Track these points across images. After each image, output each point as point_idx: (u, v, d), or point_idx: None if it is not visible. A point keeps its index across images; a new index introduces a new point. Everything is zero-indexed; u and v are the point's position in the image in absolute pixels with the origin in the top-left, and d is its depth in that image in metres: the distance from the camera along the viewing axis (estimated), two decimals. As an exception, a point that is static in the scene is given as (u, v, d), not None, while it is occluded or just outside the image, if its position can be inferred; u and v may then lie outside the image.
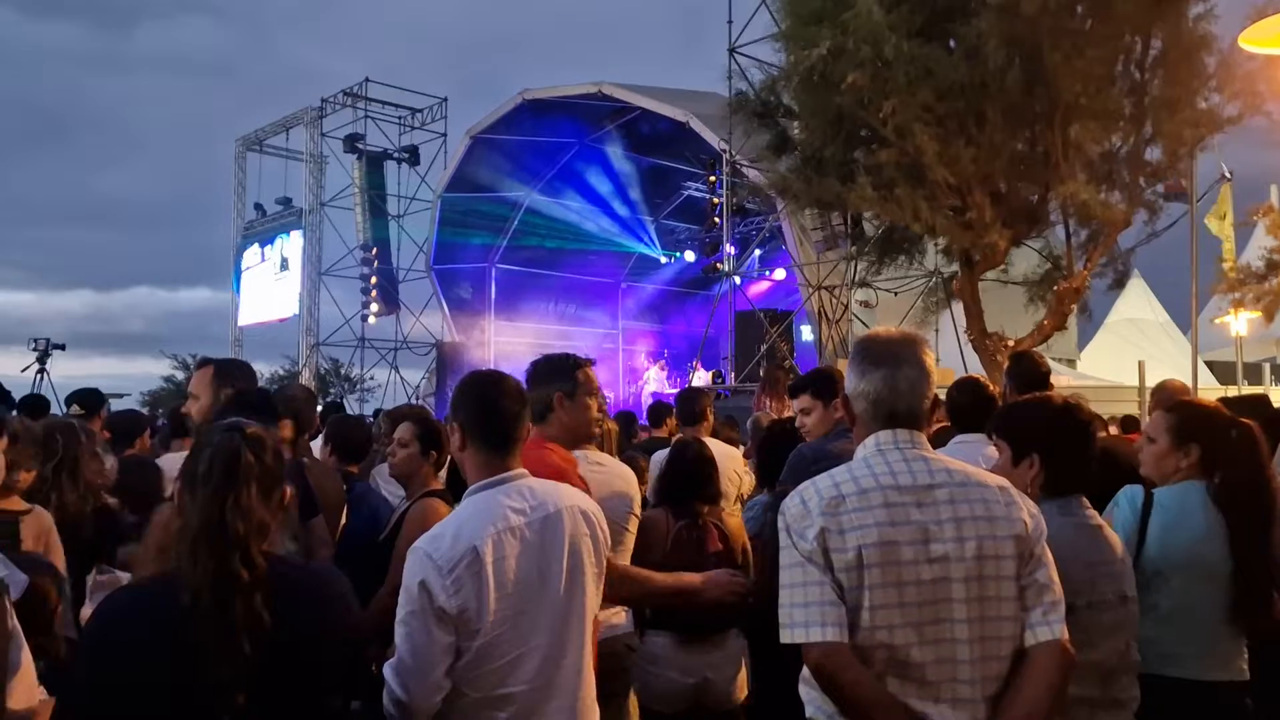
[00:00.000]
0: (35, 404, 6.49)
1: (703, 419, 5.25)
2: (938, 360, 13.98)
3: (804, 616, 1.86)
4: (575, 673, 2.25)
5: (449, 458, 3.91)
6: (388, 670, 2.10)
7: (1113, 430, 7.76)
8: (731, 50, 14.23)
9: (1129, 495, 2.80)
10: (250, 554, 1.70)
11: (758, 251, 19.42)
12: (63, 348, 12.01)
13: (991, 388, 3.69)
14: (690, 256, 22.12)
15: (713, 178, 17.94)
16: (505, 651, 2.14)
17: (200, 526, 1.69)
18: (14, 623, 1.89)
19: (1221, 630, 2.68)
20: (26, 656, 1.93)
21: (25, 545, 2.79)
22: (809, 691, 1.99)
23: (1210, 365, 16.33)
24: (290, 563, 1.86)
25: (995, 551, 1.92)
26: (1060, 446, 2.38)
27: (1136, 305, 20.09)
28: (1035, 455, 2.36)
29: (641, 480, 4.57)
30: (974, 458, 2.87)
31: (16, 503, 2.93)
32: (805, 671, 1.98)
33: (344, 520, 3.94)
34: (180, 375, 39.45)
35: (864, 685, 1.84)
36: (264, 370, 35.70)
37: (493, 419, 2.28)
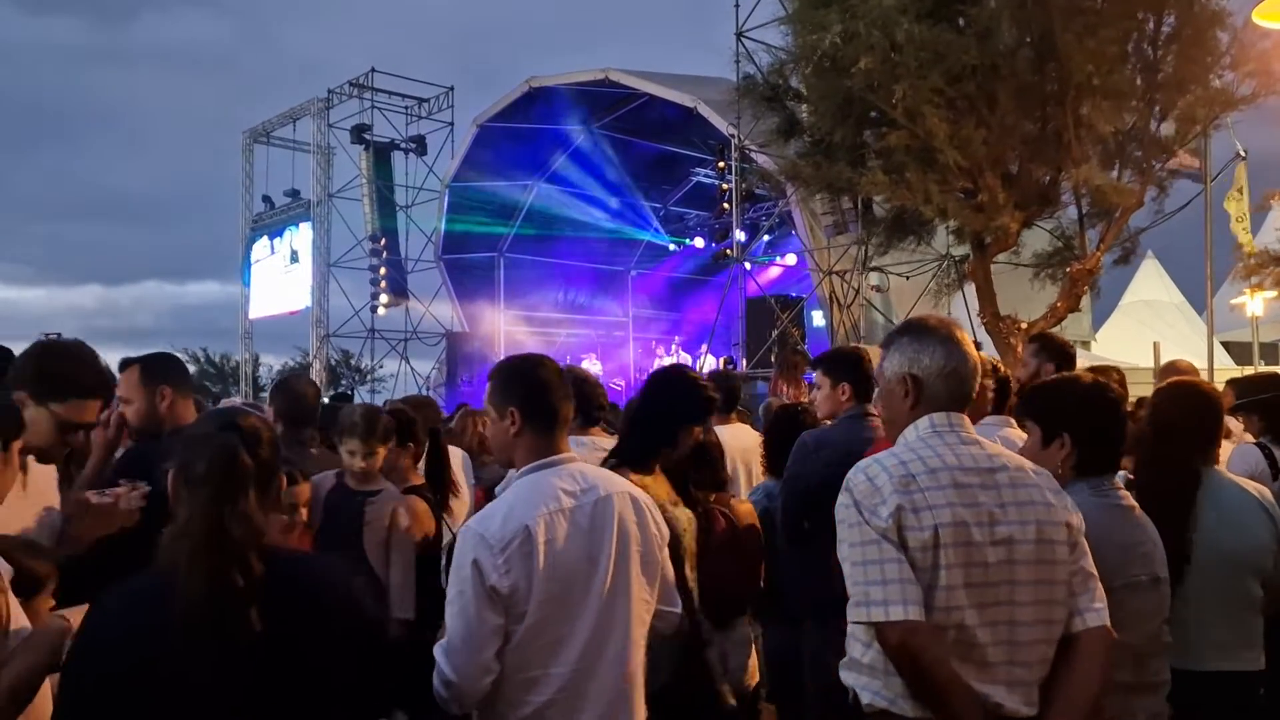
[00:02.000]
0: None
1: (735, 404, 5.20)
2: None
3: (882, 595, 1.83)
4: (619, 659, 2.23)
5: (425, 450, 3.90)
6: (438, 651, 2.11)
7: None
8: (739, 35, 14.12)
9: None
10: (247, 561, 1.67)
11: (767, 237, 19.33)
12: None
13: (1004, 370, 3.65)
14: (700, 243, 22.04)
15: (721, 163, 17.85)
16: (549, 633, 2.14)
17: (200, 534, 1.66)
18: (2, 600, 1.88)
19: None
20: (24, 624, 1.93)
21: None
22: (860, 677, 1.97)
23: (1226, 346, 16.21)
24: (287, 557, 1.84)
25: (1052, 536, 1.94)
26: (1091, 426, 2.35)
27: (1151, 287, 19.97)
28: (1066, 435, 2.33)
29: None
30: (990, 440, 2.84)
31: None
32: (853, 656, 1.97)
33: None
34: (192, 369, 39.69)
35: (945, 666, 1.84)
36: (274, 363, 35.84)
37: (547, 400, 2.30)
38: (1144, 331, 16.53)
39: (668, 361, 22.02)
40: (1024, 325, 9.69)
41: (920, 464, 1.93)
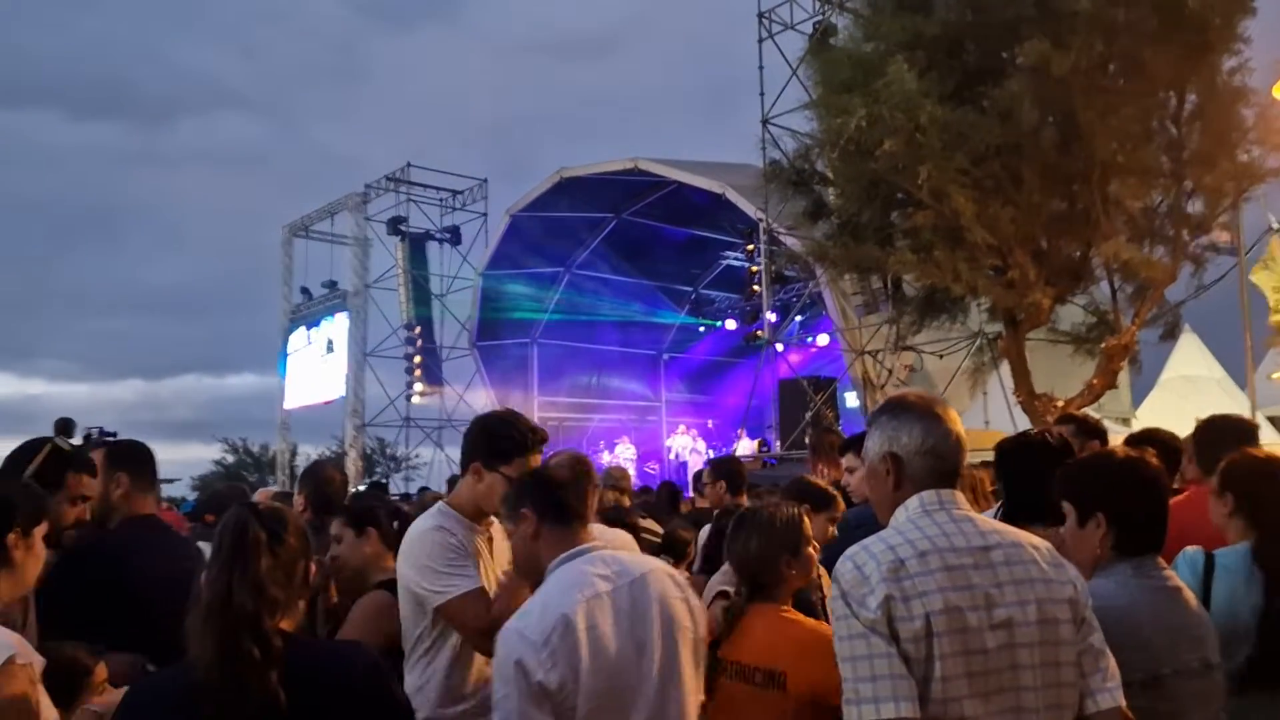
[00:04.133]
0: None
1: (740, 486, 5.19)
2: (987, 422, 13.77)
3: (873, 691, 1.74)
4: None
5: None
6: None
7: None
8: (764, 121, 14.41)
9: (1188, 558, 2.64)
10: (261, 631, 1.66)
11: (799, 318, 19.39)
12: (114, 435, 12.24)
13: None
14: (731, 325, 22.14)
15: (750, 246, 18.04)
16: None
17: (208, 601, 1.68)
18: (32, 692, 1.88)
19: None
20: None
21: None
22: None
23: (1273, 420, 15.86)
24: (311, 643, 1.83)
25: (1054, 615, 1.84)
26: (1127, 503, 2.25)
27: (1191, 362, 19.65)
28: (1100, 515, 2.24)
29: (689, 551, 4.48)
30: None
31: None
32: None
33: None
34: (230, 459, 40.13)
35: None
36: (312, 452, 36.13)
37: (558, 493, 2.30)
38: (1185, 407, 16.19)
39: (683, 443, 21.88)
40: (1060, 403, 9.57)
41: (909, 548, 1.83)
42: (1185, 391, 18.60)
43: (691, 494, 7.87)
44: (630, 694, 2.10)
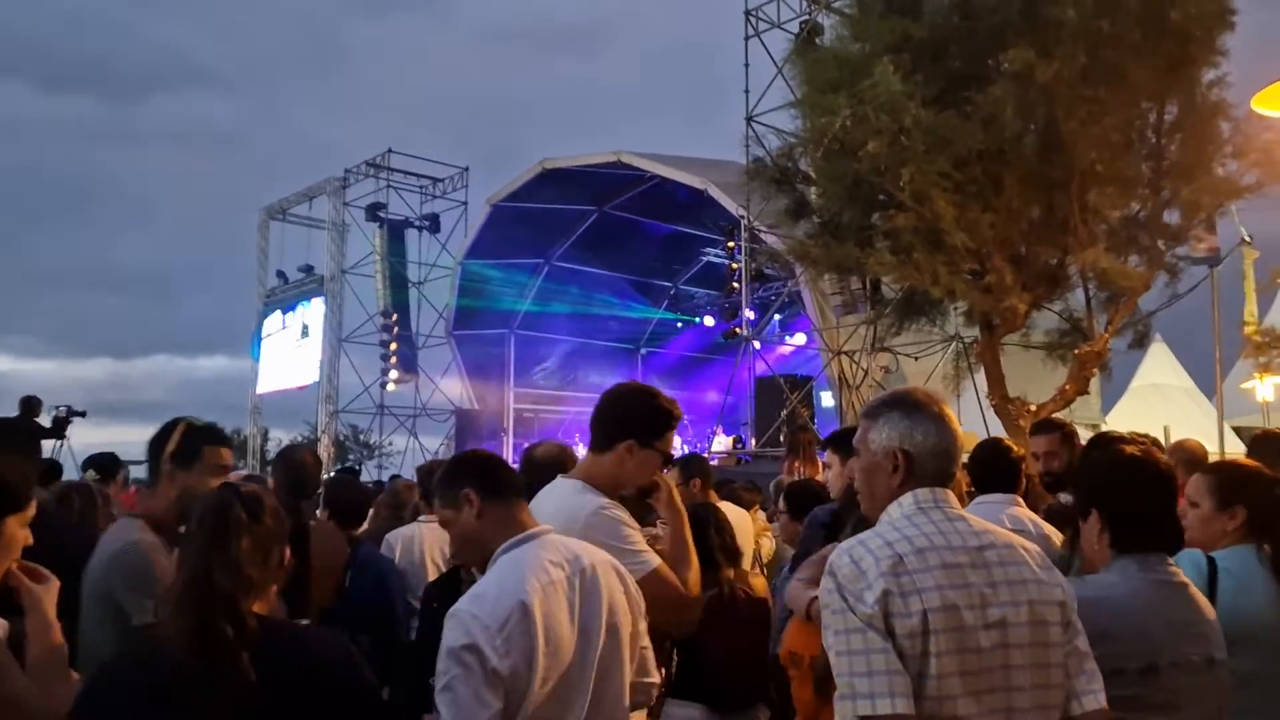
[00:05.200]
0: (48, 469, 6.53)
1: (709, 482, 5.20)
2: (960, 425, 13.92)
3: (868, 687, 1.74)
4: None
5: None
6: None
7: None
8: (749, 119, 14.43)
9: (1192, 560, 2.66)
10: (237, 611, 1.65)
11: (777, 316, 19.45)
12: (84, 415, 12.07)
13: (1017, 450, 3.63)
14: (709, 322, 22.18)
15: (731, 243, 18.07)
16: (547, 714, 2.05)
17: (186, 581, 1.67)
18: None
19: None
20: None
21: None
22: None
23: (1237, 431, 16.10)
24: (286, 626, 1.83)
25: (1045, 617, 1.85)
26: (1121, 501, 2.27)
27: (1160, 370, 19.91)
28: (1095, 511, 2.28)
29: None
30: (995, 518, 2.81)
31: None
32: None
33: (347, 584, 3.90)
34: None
35: None
36: (283, 437, 35.83)
37: (499, 472, 2.32)
38: (1154, 415, 16.41)
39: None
40: (1033, 407, 9.66)
41: (908, 544, 1.82)
42: (1154, 399, 18.85)
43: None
44: (574, 682, 2.10)
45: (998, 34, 8.90)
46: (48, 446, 10.98)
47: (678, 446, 20.94)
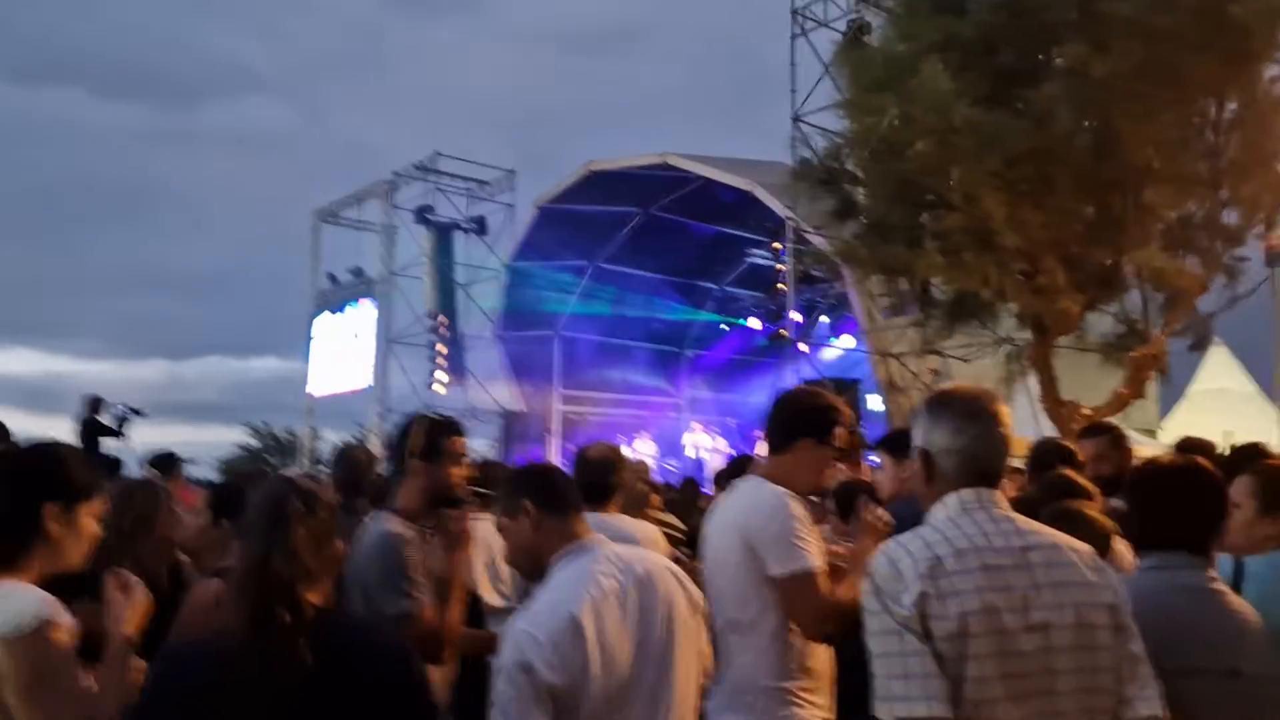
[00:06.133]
0: (109, 464, 6.70)
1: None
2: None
3: (904, 689, 1.72)
4: None
5: None
6: None
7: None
8: (795, 119, 14.35)
9: (1217, 564, 2.62)
10: (295, 597, 1.69)
11: (824, 319, 19.31)
12: (144, 414, 12.32)
13: (1075, 452, 3.58)
14: (755, 324, 22.08)
15: (777, 245, 17.97)
16: None
17: (246, 568, 1.71)
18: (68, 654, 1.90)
19: None
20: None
21: None
22: None
23: (1301, 436, 15.65)
24: (342, 616, 1.86)
25: (1092, 620, 1.81)
26: (1144, 497, 2.28)
27: (1220, 374, 19.44)
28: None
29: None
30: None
31: None
32: None
33: None
34: (254, 443, 40.45)
35: None
36: (334, 438, 36.38)
37: (556, 484, 2.35)
38: (1212, 421, 16.04)
39: (696, 440, 21.82)
40: (1087, 411, 9.49)
41: (947, 545, 1.80)
42: (1213, 404, 18.41)
43: (712, 490, 7.86)
44: (631, 692, 2.11)
45: (1049, 30, 8.77)
46: (108, 445, 11.24)
47: (722, 449, 20.94)
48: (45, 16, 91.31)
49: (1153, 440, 16.51)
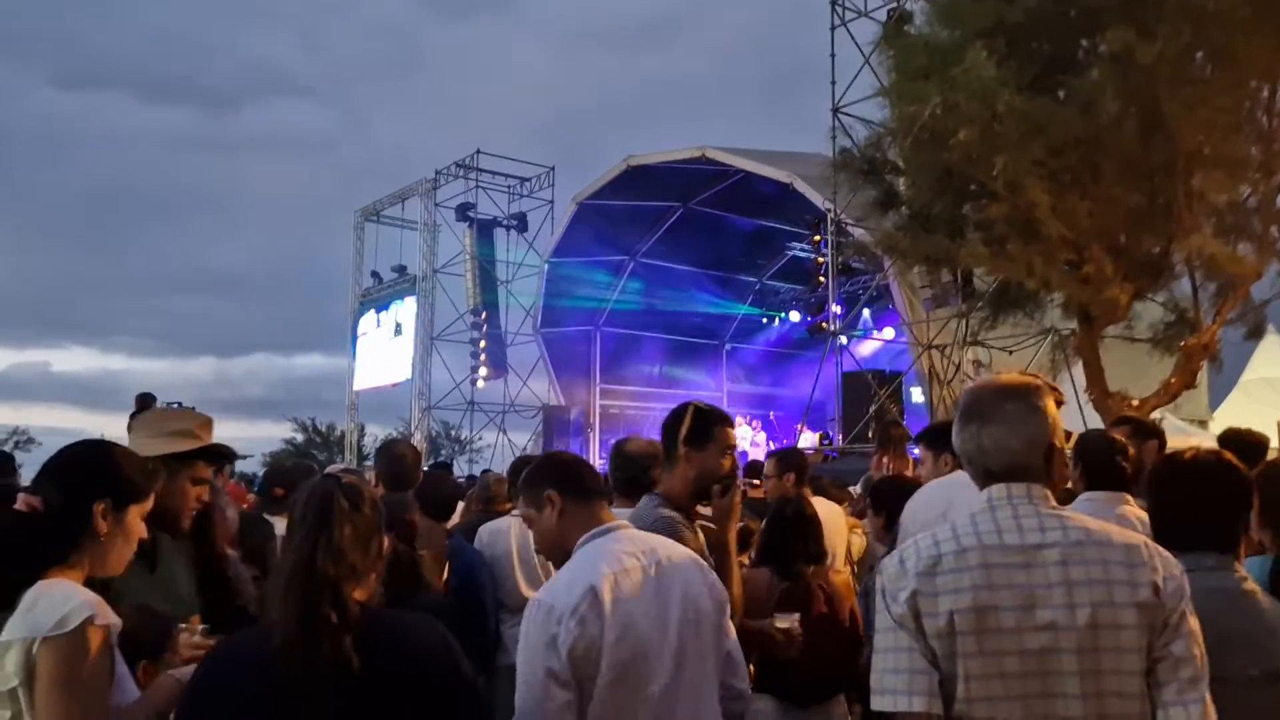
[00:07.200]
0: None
1: (804, 478, 5.14)
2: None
3: (893, 684, 1.77)
4: None
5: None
6: None
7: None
8: (835, 110, 14.24)
9: (1256, 565, 2.50)
10: (340, 595, 1.70)
11: (865, 311, 19.16)
12: (193, 410, 12.54)
13: (1123, 444, 3.50)
14: (795, 317, 21.98)
15: (817, 237, 17.86)
16: (618, 702, 2.10)
17: (292, 567, 1.72)
18: (106, 653, 1.91)
19: None
20: (131, 689, 1.99)
21: None
22: None
23: (1358, 427, 15.24)
24: (388, 614, 1.87)
25: (1113, 620, 1.72)
26: (1164, 495, 2.24)
27: (1274, 363, 18.97)
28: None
29: (753, 540, 4.49)
30: (1105, 517, 2.71)
31: None
32: None
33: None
34: (300, 438, 41.08)
35: None
36: (378, 433, 36.88)
37: (580, 473, 2.39)
38: (1265, 411, 15.67)
39: (743, 432, 21.74)
40: (1135, 402, 9.31)
41: (953, 543, 1.80)
42: (1266, 394, 17.97)
43: (752, 484, 7.83)
44: (649, 670, 2.13)
45: (1093, 16, 8.59)
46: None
47: (761, 442, 20.85)
48: (90, 25, 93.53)
49: (1203, 431, 16.17)
